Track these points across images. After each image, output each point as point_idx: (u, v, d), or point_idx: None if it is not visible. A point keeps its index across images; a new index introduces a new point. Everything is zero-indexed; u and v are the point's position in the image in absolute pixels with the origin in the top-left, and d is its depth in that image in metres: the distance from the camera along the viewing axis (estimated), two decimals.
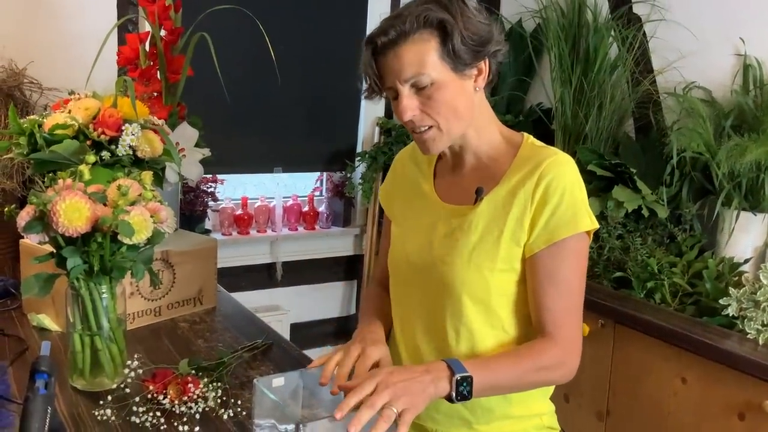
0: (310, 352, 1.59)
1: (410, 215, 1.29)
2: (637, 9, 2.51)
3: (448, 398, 1.04)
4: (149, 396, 1.20)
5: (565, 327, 1.13)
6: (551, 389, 1.27)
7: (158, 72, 1.81)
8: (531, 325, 1.18)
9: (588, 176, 2.19)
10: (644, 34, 2.47)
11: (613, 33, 2.50)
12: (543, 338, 1.13)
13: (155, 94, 1.80)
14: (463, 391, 1.03)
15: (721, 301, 1.83)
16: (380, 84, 1.14)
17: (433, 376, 1.02)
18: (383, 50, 1.11)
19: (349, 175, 3.07)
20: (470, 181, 1.21)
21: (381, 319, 1.29)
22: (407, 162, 1.37)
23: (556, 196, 1.11)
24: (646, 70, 2.47)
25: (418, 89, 1.11)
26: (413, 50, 1.09)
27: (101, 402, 1.19)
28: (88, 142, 1.39)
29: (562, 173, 1.13)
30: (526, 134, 1.23)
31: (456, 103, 1.13)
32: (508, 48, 1.17)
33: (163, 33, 1.79)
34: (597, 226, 1.15)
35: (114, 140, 1.40)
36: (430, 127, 1.14)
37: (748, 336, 1.75)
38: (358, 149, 3.10)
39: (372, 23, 2.98)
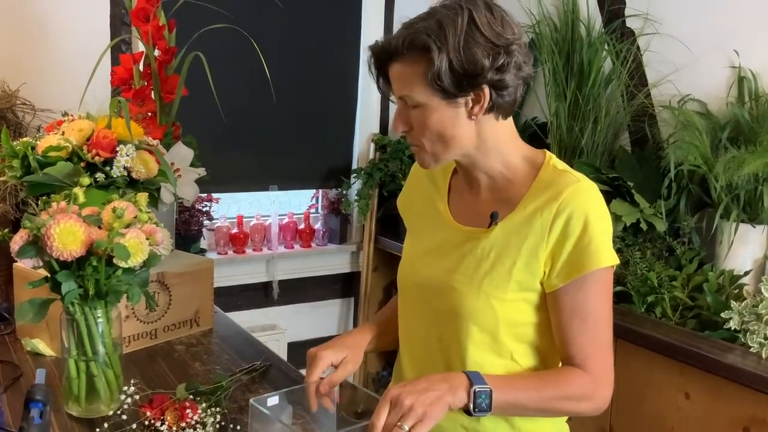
0: None
1: (423, 233, 1.27)
2: (631, 23, 2.52)
3: (467, 410, 1.02)
4: (146, 422, 1.18)
5: (594, 359, 1.09)
6: None
7: (152, 92, 1.80)
8: (541, 357, 1.16)
9: None
10: (638, 47, 2.47)
11: (606, 47, 2.51)
12: (572, 367, 1.10)
13: (150, 114, 1.79)
14: (481, 403, 1.01)
15: (722, 315, 1.82)
16: (387, 89, 1.14)
17: (451, 385, 1.01)
18: (381, 62, 1.11)
19: (344, 191, 3.06)
20: (485, 202, 1.18)
21: (383, 327, 1.32)
22: (422, 175, 1.32)
23: (578, 230, 1.06)
24: (641, 83, 2.47)
25: (410, 106, 1.10)
26: (403, 70, 1.08)
27: (97, 429, 1.17)
28: (83, 164, 1.38)
29: (583, 204, 1.08)
30: (548, 154, 1.17)
31: (441, 130, 1.09)
32: (529, 73, 1.10)
33: (157, 53, 1.78)
34: (617, 261, 1.10)
35: (108, 162, 1.39)
36: (417, 146, 1.13)
37: (751, 350, 1.74)
38: (354, 166, 3.09)
39: (366, 41, 2.99)
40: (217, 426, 1.20)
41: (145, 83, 1.80)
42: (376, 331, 1.30)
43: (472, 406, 1.01)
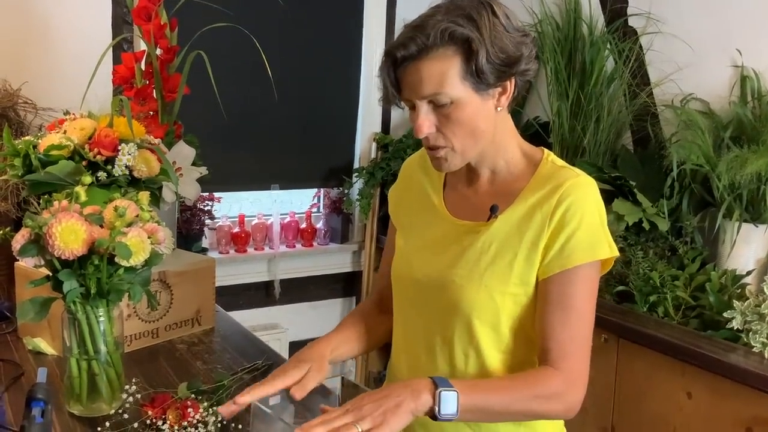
0: None
1: (417, 228, 1.25)
2: (633, 22, 2.51)
3: (432, 415, 0.99)
4: (148, 421, 1.18)
5: (571, 357, 1.08)
6: None
7: (154, 91, 1.79)
8: (536, 351, 1.15)
9: None
10: (640, 46, 2.47)
11: (609, 46, 2.50)
12: (545, 367, 1.08)
13: (151, 113, 1.78)
14: (447, 406, 0.98)
15: (725, 314, 1.82)
16: (398, 95, 1.10)
17: (413, 389, 0.98)
18: (402, 63, 1.06)
19: (346, 191, 3.05)
20: (484, 196, 1.17)
21: (344, 335, 1.26)
22: (416, 169, 1.31)
23: (574, 221, 1.07)
24: (643, 82, 2.47)
25: (437, 106, 1.06)
26: (433, 67, 1.03)
27: (99, 428, 1.17)
28: (84, 163, 1.38)
29: (582, 197, 1.09)
30: (546, 151, 1.18)
31: (474, 124, 1.08)
32: (538, 66, 1.11)
33: (158, 51, 1.78)
34: (617, 253, 1.11)
35: (110, 160, 1.38)
36: (445, 147, 1.10)
37: (754, 349, 1.74)
38: (356, 165, 3.09)
39: (367, 39, 2.99)
40: (219, 425, 1.20)
41: (147, 82, 1.79)
42: (334, 342, 1.23)
43: (437, 409, 0.98)
